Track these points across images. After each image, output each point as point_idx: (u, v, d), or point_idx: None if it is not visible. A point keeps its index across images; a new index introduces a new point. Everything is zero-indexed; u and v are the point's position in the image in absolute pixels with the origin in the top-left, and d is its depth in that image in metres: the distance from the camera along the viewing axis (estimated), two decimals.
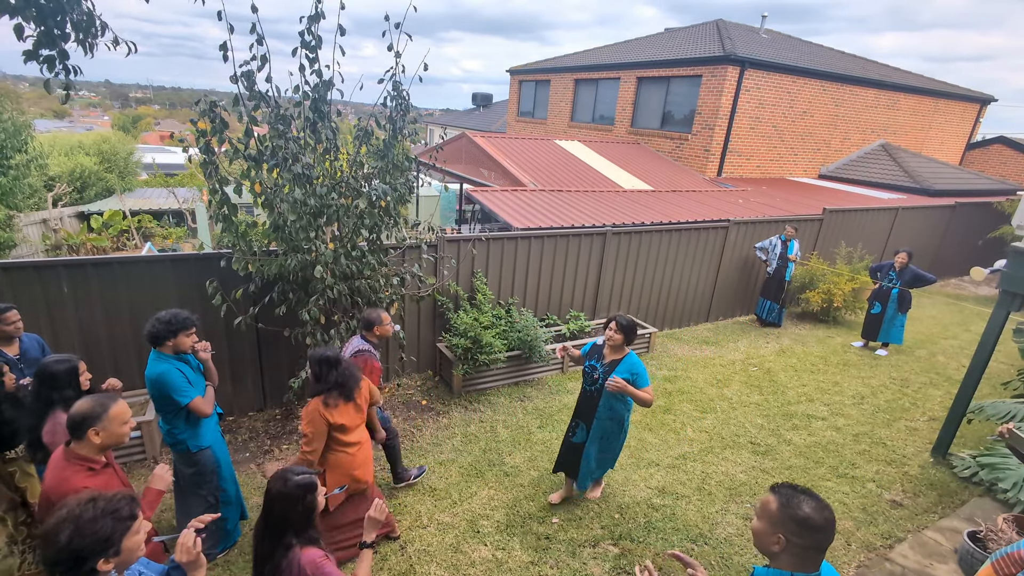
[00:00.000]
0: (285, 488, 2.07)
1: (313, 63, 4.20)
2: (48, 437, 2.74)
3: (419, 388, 6.00)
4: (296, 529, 2.06)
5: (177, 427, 3.19)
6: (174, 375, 3.10)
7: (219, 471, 3.42)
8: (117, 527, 1.64)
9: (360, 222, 4.62)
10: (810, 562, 1.69)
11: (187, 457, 3.28)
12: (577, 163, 11.73)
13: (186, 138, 4.36)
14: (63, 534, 1.56)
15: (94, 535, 1.59)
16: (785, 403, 6.13)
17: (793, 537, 1.66)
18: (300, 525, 2.07)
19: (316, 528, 2.13)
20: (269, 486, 2.11)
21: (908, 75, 16.71)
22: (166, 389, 3.08)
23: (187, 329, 3.19)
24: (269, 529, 2.07)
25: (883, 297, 7.45)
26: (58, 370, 2.82)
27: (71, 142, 19.37)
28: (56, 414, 2.76)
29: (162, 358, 3.14)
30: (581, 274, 7.05)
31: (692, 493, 4.51)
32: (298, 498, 2.06)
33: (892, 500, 4.60)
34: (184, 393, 3.11)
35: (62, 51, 2.99)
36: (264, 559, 2.05)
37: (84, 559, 1.58)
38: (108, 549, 1.62)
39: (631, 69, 14.53)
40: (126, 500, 1.70)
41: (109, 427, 2.26)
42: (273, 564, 2.02)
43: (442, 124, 29.94)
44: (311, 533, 2.10)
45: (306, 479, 2.11)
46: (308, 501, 2.09)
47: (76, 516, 1.60)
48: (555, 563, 3.71)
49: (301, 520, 2.07)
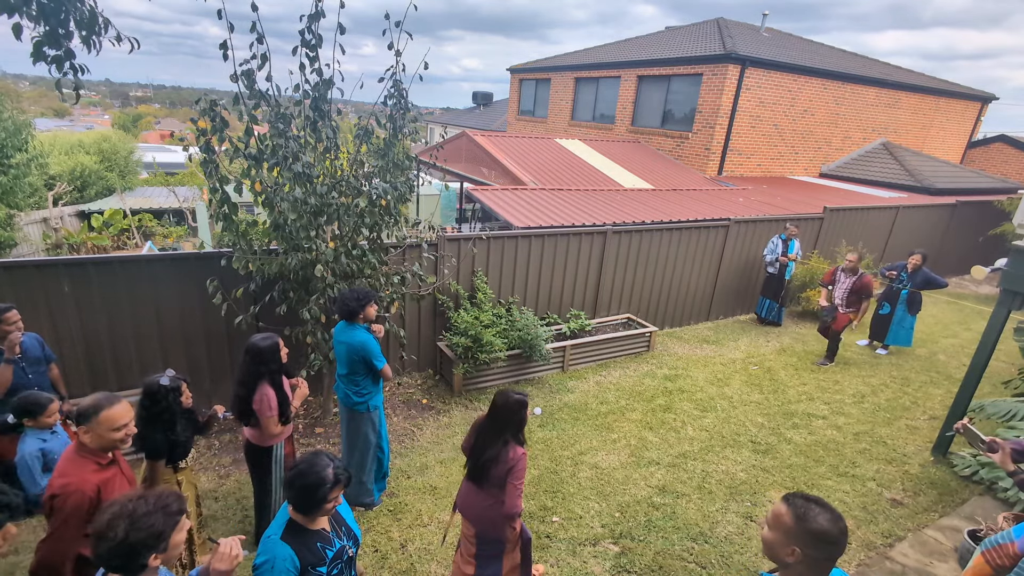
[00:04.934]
0: (508, 401, 2.83)
1: (313, 62, 4.20)
2: (257, 405, 3.21)
3: (420, 387, 6.00)
4: (512, 431, 2.84)
5: (365, 387, 3.77)
6: (374, 343, 3.69)
7: (382, 430, 3.99)
8: (168, 522, 1.67)
9: (360, 221, 4.62)
10: (822, 572, 1.67)
11: (363, 415, 3.83)
12: (577, 162, 11.72)
13: (186, 137, 4.36)
14: (119, 529, 1.58)
15: (149, 529, 1.62)
16: (785, 402, 6.13)
17: (808, 550, 1.62)
18: (514, 428, 2.85)
19: (523, 433, 2.91)
20: (495, 399, 2.89)
21: (909, 73, 16.69)
22: (367, 354, 3.65)
23: (372, 301, 3.72)
24: (492, 429, 2.86)
25: (892, 298, 7.40)
26: (264, 346, 3.22)
27: (71, 141, 19.36)
28: (263, 385, 3.21)
29: (358, 328, 3.70)
30: (581, 273, 7.04)
31: (692, 492, 4.51)
32: (516, 409, 2.84)
33: (892, 499, 4.60)
34: (380, 358, 3.71)
35: (68, 50, 2.98)
36: (484, 449, 2.84)
37: (138, 553, 1.61)
38: (160, 544, 1.65)
39: (632, 68, 14.52)
40: (174, 496, 1.75)
41: (96, 429, 2.25)
42: (494, 452, 2.80)
43: (442, 123, 29.93)
44: (520, 436, 2.88)
45: (523, 397, 2.87)
46: (522, 413, 2.85)
47: (131, 511, 1.61)
48: (556, 561, 3.71)
49: (516, 425, 2.85)
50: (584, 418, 5.52)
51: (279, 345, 3.33)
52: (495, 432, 2.84)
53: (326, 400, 5.23)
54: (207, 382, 4.98)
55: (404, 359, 5.99)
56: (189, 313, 4.80)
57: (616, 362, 6.87)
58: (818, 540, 1.60)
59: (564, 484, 4.50)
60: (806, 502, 1.67)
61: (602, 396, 5.99)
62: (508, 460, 2.78)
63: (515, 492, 2.76)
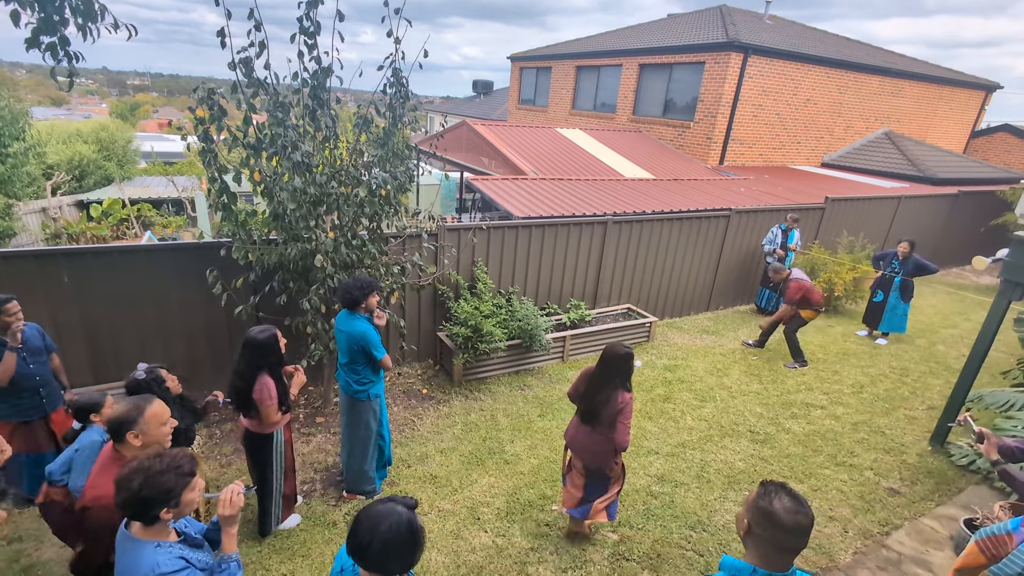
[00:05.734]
0: (617, 353, 3.29)
1: (312, 49, 4.15)
2: (257, 395, 3.23)
3: (420, 377, 6.02)
4: (620, 378, 3.28)
5: (366, 376, 3.78)
6: (374, 333, 3.71)
7: (382, 418, 4.00)
8: (179, 481, 1.85)
9: (360, 211, 4.60)
10: (773, 560, 1.69)
11: (364, 404, 3.83)
12: (578, 151, 11.66)
13: (184, 126, 4.33)
14: (135, 483, 1.78)
15: (160, 486, 1.80)
16: (784, 392, 6.15)
17: (756, 527, 1.69)
18: (623, 376, 3.29)
19: (630, 380, 3.33)
20: (606, 352, 3.33)
21: (913, 62, 16.54)
22: (367, 344, 3.65)
23: (375, 290, 3.73)
24: (603, 377, 3.31)
25: (886, 285, 7.45)
26: (262, 339, 3.26)
27: (69, 130, 19.25)
28: (262, 376, 3.23)
29: (358, 317, 3.69)
30: (582, 263, 7.03)
31: (691, 481, 4.54)
32: (624, 359, 3.28)
33: (889, 488, 4.63)
34: (380, 348, 3.72)
35: (63, 37, 2.95)
36: (596, 394, 3.31)
37: (150, 506, 1.80)
38: (170, 500, 1.83)
39: (633, 56, 14.38)
40: (187, 459, 1.91)
41: (147, 428, 2.26)
42: (605, 396, 3.27)
43: (442, 112, 29.72)
44: (628, 383, 3.31)
45: (630, 349, 3.32)
46: (630, 363, 3.31)
47: (146, 468, 1.80)
48: (555, 549, 3.75)
49: (624, 373, 3.29)
50: None
51: (277, 337, 3.35)
52: (606, 379, 3.31)
53: (327, 390, 5.25)
54: (208, 371, 4.99)
55: (404, 349, 6.00)
56: (189, 303, 4.80)
57: None
58: (765, 519, 1.66)
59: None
60: (778, 487, 1.72)
61: None
62: (618, 403, 3.27)
63: (625, 429, 3.27)
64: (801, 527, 1.64)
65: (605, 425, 3.31)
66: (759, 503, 1.69)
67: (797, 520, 1.64)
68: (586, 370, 3.50)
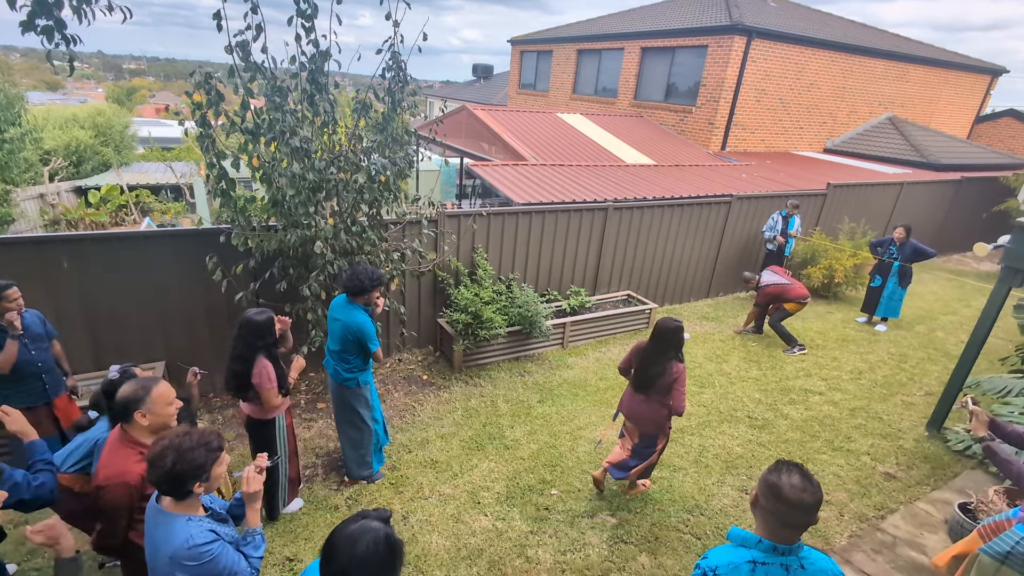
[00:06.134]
0: (670, 327, 3.63)
1: (309, 32, 4.10)
2: (256, 379, 3.27)
3: (420, 363, 6.05)
4: (673, 350, 3.64)
5: (356, 365, 3.80)
6: (371, 325, 3.72)
7: (373, 403, 4.03)
8: (209, 456, 1.93)
9: (360, 197, 4.58)
10: (778, 533, 1.75)
11: (353, 392, 3.86)
12: (579, 137, 11.56)
13: (182, 111, 4.29)
14: (168, 459, 1.85)
15: (192, 462, 1.88)
16: (783, 378, 6.19)
17: (763, 499, 1.77)
18: (675, 348, 3.64)
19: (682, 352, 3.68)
20: (659, 326, 3.66)
21: (918, 45, 16.33)
22: (363, 335, 3.66)
23: (381, 285, 3.77)
24: (657, 350, 3.66)
25: (884, 271, 7.45)
26: (260, 321, 3.28)
27: (65, 115, 19.09)
28: (260, 359, 3.27)
29: (358, 308, 3.70)
30: (582, 249, 7.02)
31: (689, 466, 4.59)
32: (676, 332, 3.63)
33: (886, 473, 4.68)
34: (375, 341, 3.73)
35: (59, 20, 2.91)
36: (650, 366, 3.67)
37: (184, 481, 1.88)
38: (202, 475, 1.92)
39: (635, 39, 14.19)
40: (214, 435, 2.00)
41: (154, 408, 2.29)
42: (660, 367, 3.62)
43: (442, 96, 29.42)
44: (680, 354, 3.66)
45: (680, 323, 3.64)
46: (681, 335, 3.63)
47: (177, 446, 1.88)
48: (554, 532, 3.80)
49: (676, 345, 3.64)
50: (583, 394, 5.58)
51: (274, 319, 3.37)
52: (659, 351, 3.66)
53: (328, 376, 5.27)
54: (208, 358, 5.00)
55: (404, 335, 6.02)
56: (189, 289, 4.80)
57: (616, 339, 6.90)
58: (771, 491, 1.73)
59: (563, 458, 4.58)
60: (792, 466, 1.78)
61: (601, 372, 6.04)
62: (672, 372, 3.61)
63: (680, 395, 3.62)
64: (805, 504, 1.68)
65: (659, 393, 3.66)
66: (769, 477, 1.77)
67: (802, 498, 1.68)
68: (638, 344, 3.85)
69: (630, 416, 3.87)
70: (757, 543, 1.77)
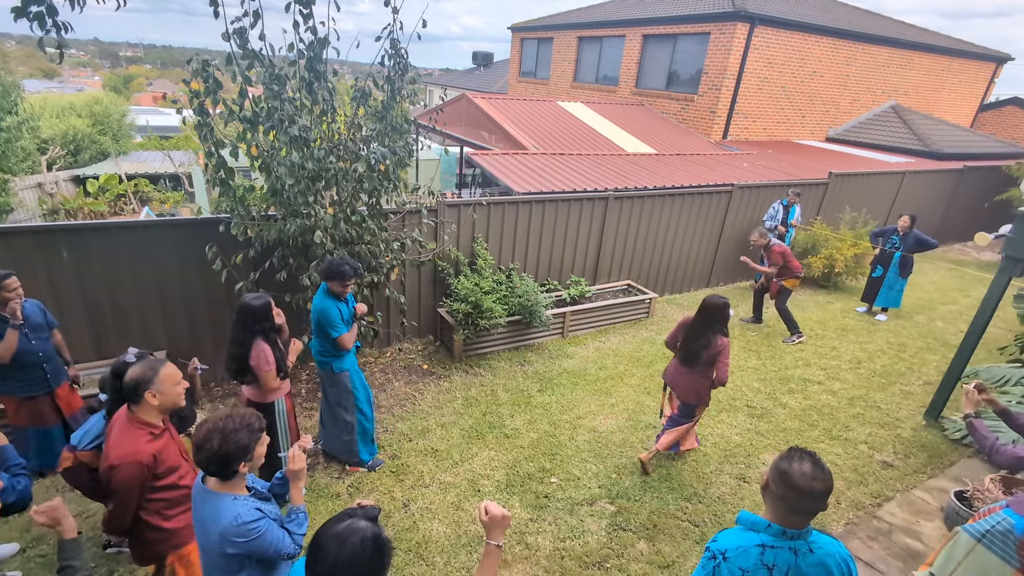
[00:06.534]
0: (716, 303, 3.87)
1: (307, 19, 4.06)
2: (254, 361, 3.31)
3: (420, 353, 6.07)
4: (718, 325, 3.89)
5: (326, 349, 3.86)
6: (333, 312, 3.71)
7: (356, 393, 4.01)
8: (252, 437, 2.00)
9: (359, 186, 4.56)
10: (786, 518, 1.77)
11: (331, 376, 3.93)
12: (580, 125, 11.49)
13: (179, 99, 4.26)
14: (214, 441, 1.92)
15: (236, 443, 1.95)
16: (782, 367, 6.21)
17: (772, 484, 1.79)
18: (721, 323, 3.90)
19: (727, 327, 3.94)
20: (706, 302, 3.92)
21: (923, 32, 16.16)
22: (325, 321, 3.70)
23: (354, 280, 3.75)
24: (703, 324, 3.93)
25: (885, 261, 7.44)
26: (257, 305, 3.31)
27: (62, 103, 18.97)
28: (258, 342, 3.31)
29: (327, 295, 3.73)
30: (582, 239, 7.01)
31: (687, 454, 4.62)
32: (722, 308, 3.87)
33: (883, 461, 4.71)
34: (336, 328, 3.73)
35: (51, 6, 2.88)
36: (696, 339, 3.93)
37: (230, 462, 1.95)
38: (247, 455, 1.99)
39: (637, 26, 14.04)
40: (255, 416, 2.07)
41: (163, 388, 2.35)
42: (705, 340, 3.89)
43: (442, 84, 29.17)
44: (725, 329, 3.92)
45: (726, 299, 3.88)
46: (726, 311, 3.88)
47: (221, 428, 1.95)
48: (553, 520, 3.84)
49: (721, 321, 3.89)
50: (583, 383, 5.60)
51: (271, 304, 3.40)
52: (706, 326, 3.93)
53: None
54: (209, 347, 5.03)
55: (404, 325, 6.03)
56: (189, 279, 4.80)
57: (616, 328, 6.92)
58: (780, 476, 1.76)
59: (563, 447, 4.61)
60: (804, 453, 1.79)
61: (601, 362, 6.06)
62: (717, 346, 3.88)
63: (725, 367, 3.90)
64: (815, 492, 1.70)
65: (703, 365, 3.95)
66: (780, 463, 1.79)
67: (812, 486, 1.70)
68: (684, 320, 4.13)
69: (674, 386, 4.20)
70: (766, 527, 1.79)
